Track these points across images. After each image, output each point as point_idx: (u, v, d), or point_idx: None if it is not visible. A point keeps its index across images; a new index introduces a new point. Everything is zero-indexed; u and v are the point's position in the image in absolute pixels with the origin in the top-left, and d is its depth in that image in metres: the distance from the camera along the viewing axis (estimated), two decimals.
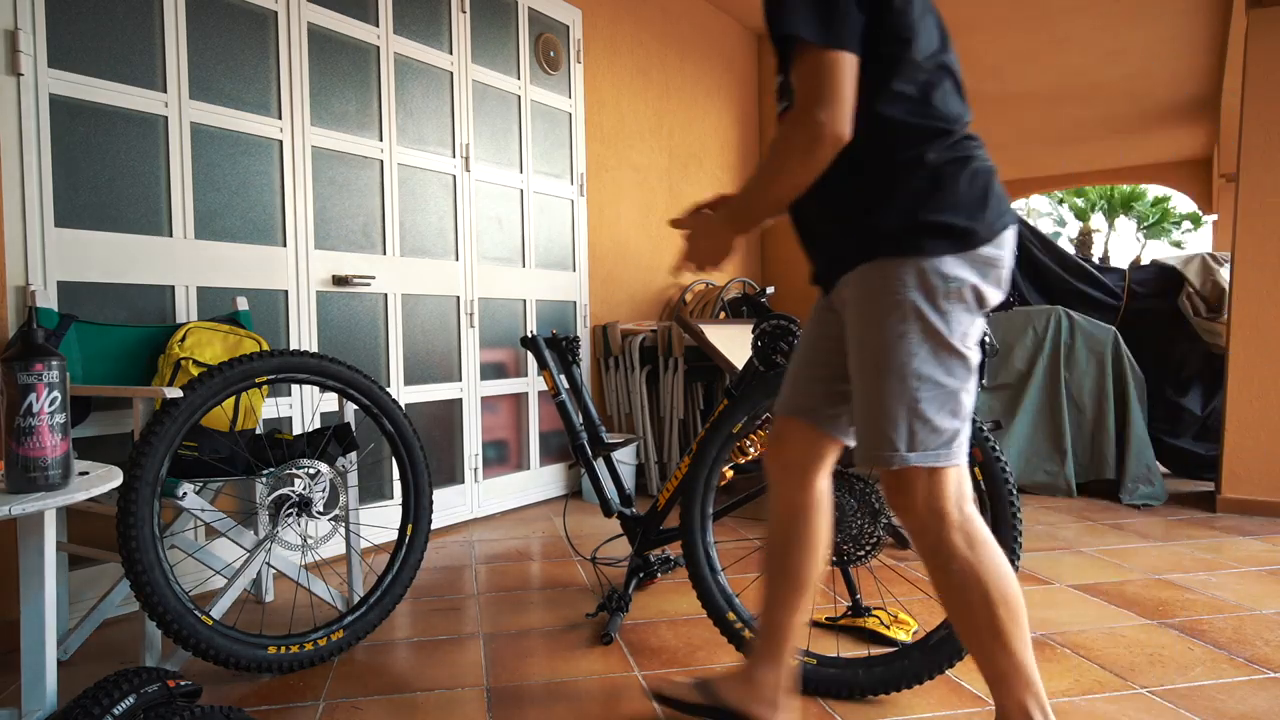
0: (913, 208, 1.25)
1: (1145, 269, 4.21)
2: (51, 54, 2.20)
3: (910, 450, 1.25)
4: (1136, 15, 5.34)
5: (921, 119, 1.26)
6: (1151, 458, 3.65)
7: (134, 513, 1.70)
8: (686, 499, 1.92)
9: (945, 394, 1.26)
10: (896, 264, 1.25)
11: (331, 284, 2.90)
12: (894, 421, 1.25)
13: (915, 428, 1.25)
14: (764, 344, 2.02)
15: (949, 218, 1.25)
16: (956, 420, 1.27)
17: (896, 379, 1.25)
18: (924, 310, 1.24)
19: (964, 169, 1.28)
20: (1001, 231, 1.29)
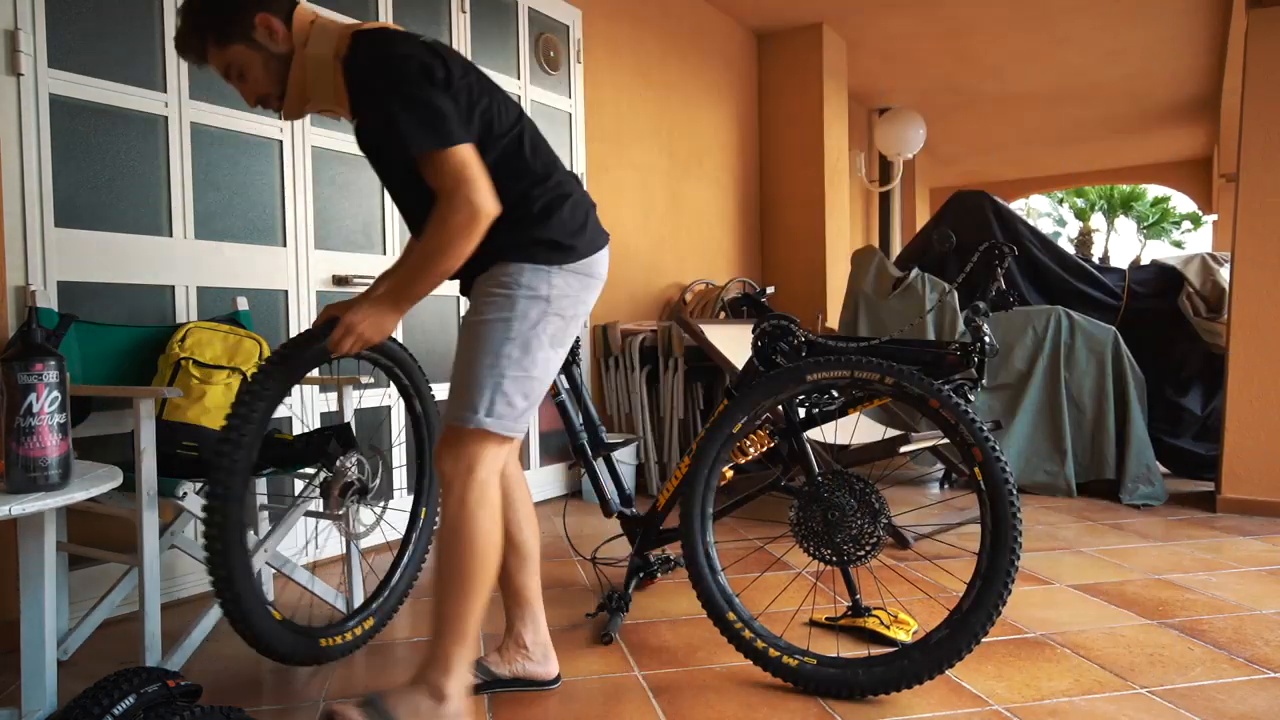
0: (529, 228, 1.59)
1: (1145, 269, 4.20)
2: (51, 54, 2.20)
3: (486, 416, 1.53)
4: (1136, 15, 5.35)
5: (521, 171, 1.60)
6: (1151, 458, 3.65)
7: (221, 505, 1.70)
8: (686, 499, 1.92)
9: (525, 379, 1.56)
10: (514, 265, 1.57)
11: (331, 284, 2.90)
12: (480, 390, 1.53)
13: (495, 399, 1.53)
14: (764, 344, 2.02)
15: (555, 236, 1.60)
16: (526, 402, 1.58)
17: (490, 356, 1.54)
18: (525, 306, 1.56)
19: (565, 202, 1.63)
20: (596, 251, 1.68)
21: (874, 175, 7.21)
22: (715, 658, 1.99)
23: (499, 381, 1.53)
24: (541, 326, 1.58)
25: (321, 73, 1.55)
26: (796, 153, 5.50)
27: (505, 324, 1.55)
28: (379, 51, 1.51)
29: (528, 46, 3.72)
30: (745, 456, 2.10)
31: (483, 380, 1.53)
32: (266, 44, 1.55)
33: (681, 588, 2.52)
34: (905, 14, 5.26)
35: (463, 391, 1.54)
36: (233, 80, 1.59)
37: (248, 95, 1.60)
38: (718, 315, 4.42)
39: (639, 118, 4.47)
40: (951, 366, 1.87)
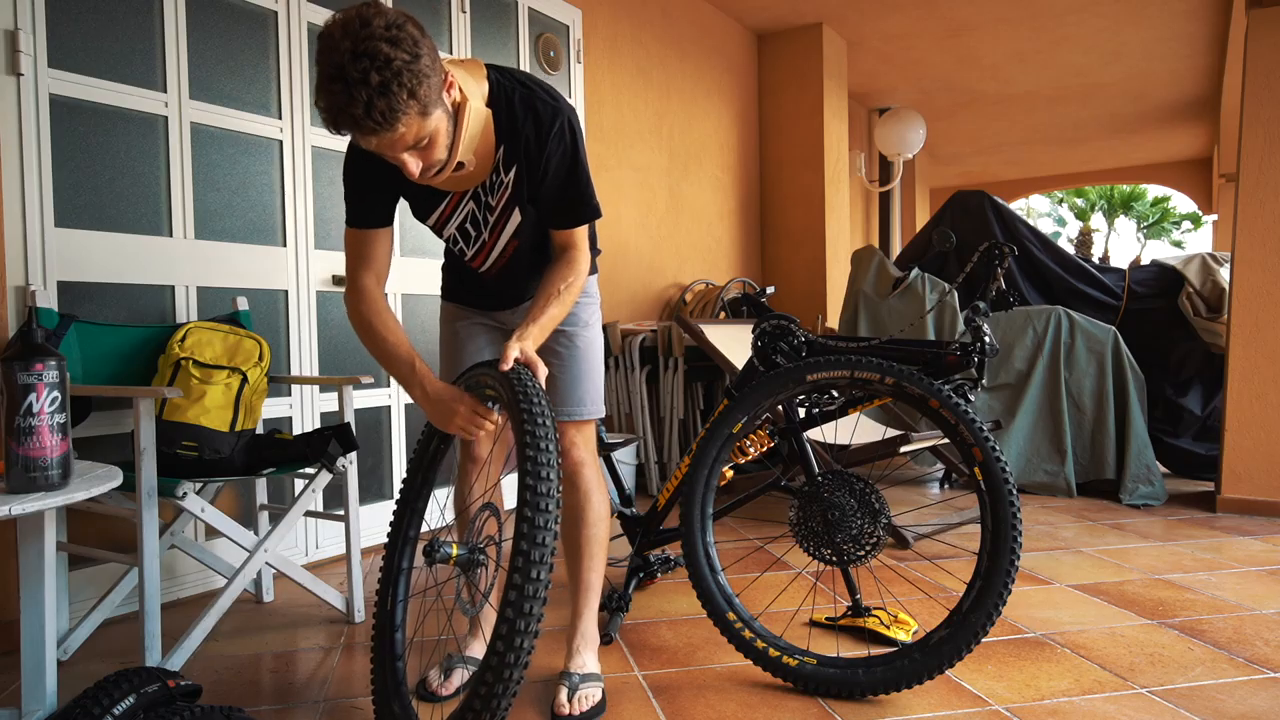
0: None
1: (1145, 269, 4.20)
2: (51, 54, 2.20)
3: (600, 406, 1.83)
4: (1136, 15, 5.35)
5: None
6: (1151, 458, 3.65)
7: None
8: (686, 499, 1.92)
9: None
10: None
11: (332, 284, 2.90)
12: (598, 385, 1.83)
13: (601, 391, 1.84)
14: (764, 344, 2.02)
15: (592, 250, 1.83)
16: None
17: (597, 355, 1.83)
18: (598, 312, 1.87)
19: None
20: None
21: (874, 175, 7.21)
22: (715, 658, 1.99)
23: (602, 375, 1.85)
24: (601, 322, 1.89)
25: (477, 124, 1.47)
26: (796, 153, 5.50)
27: (595, 328, 1.84)
28: (551, 103, 1.53)
29: (528, 46, 3.72)
30: (745, 456, 2.10)
31: (600, 376, 1.83)
32: (448, 104, 1.37)
33: (681, 588, 2.52)
34: (905, 14, 5.26)
35: (591, 387, 1.80)
36: (410, 154, 1.36)
37: (417, 168, 1.37)
38: (718, 315, 4.42)
39: (639, 118, 4.47)
40: (951, 366, 1.87)
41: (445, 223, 1.68)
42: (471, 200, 1.63)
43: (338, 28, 1.24)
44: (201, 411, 2.06)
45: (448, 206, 1.65)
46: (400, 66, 1.23)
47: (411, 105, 1.27)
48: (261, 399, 2.25)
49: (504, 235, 1.67)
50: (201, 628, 1.98)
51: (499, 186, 1.60)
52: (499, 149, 1.55)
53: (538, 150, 1.54)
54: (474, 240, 1.69)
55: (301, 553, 2.79)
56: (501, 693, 1.26)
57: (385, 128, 1.27)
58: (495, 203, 1.62)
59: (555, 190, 1.59)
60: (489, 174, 1.59)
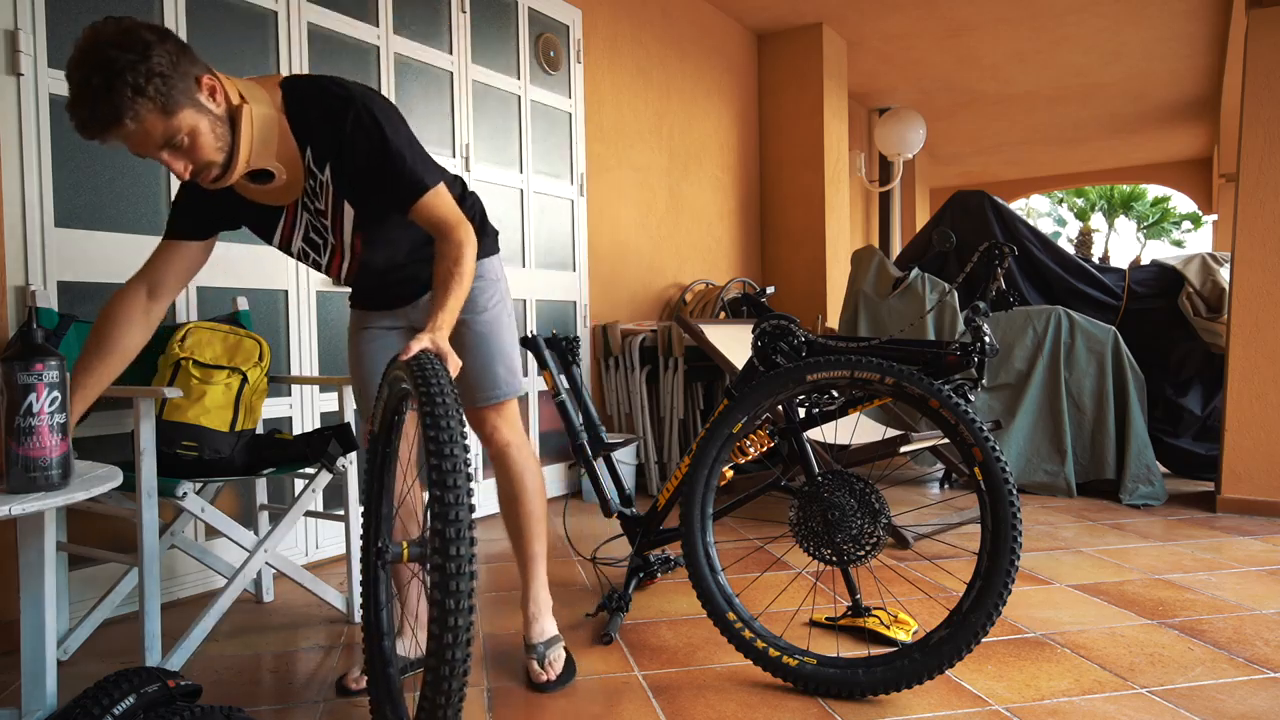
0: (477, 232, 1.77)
1: (1145, 269, 4.20)
2: (51, 54, 2.20)
3: (519, 384, 1.90)
4: (1136, 15, 5.35)
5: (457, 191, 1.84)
6: (1151, 458, 3.65)
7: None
8: (686, 499, 1.92)
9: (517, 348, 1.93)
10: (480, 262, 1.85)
11: (332, 284, 2.90)
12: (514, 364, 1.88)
13: (517, 369, 1.90)
14: (764, 344, 2.02)
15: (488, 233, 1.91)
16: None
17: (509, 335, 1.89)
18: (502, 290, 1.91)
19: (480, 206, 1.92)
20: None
21: (874, 175, 7.21)
22: (715, 658, 1.99)
23: (515, 353, 1.88)
24: (507, 301, 1.92)
25: (266, 129, 1.50)
26: (796, 153, 5.50)
27: (499, 306, 1.86)
28: (341, 95, 1.53)
29: (528, 46, 3.72)
30: (745, 456, 2.10)
31: (511, 356, 1.87)
32: (210, 107, 1.42)
33: (681, 588, 2.52)
34: (905, 14, 5.26)
35: (501, 369, 1.85)
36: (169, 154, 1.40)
37: (185, 169, 1.43)
38: (718, 315, 4.42)
39: (639, 118, 4.47)
40: (951, 366, 1.87)
41: (290, 239, 1.71)
42: (304, 210, 1.66)
43: (79, 43, 1.31)
44: (201, 411, 2.06)
45: (285, 223, 1.68)
46: (124, 66, 1.29)
47: (139, 102, 1.31)
48: (261, 399, 2.25)
49: (345, 233, 1.68)
50: (201, 628, 1.98)
51: (320, 188, 1.62)
52: (305, 152, 1.57)
53: (338, 142, 1.54)
54: (325, 248, 1.71)
55: (301, 553, 2.79)
56: (450, 675, 1.20)
57: (113, 124, 1.32)
58: (324, 205, 1.64)
59: (373, 175, 1.56)
60: (305, 179, 1.60)
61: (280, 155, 1.54)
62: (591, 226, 4.11)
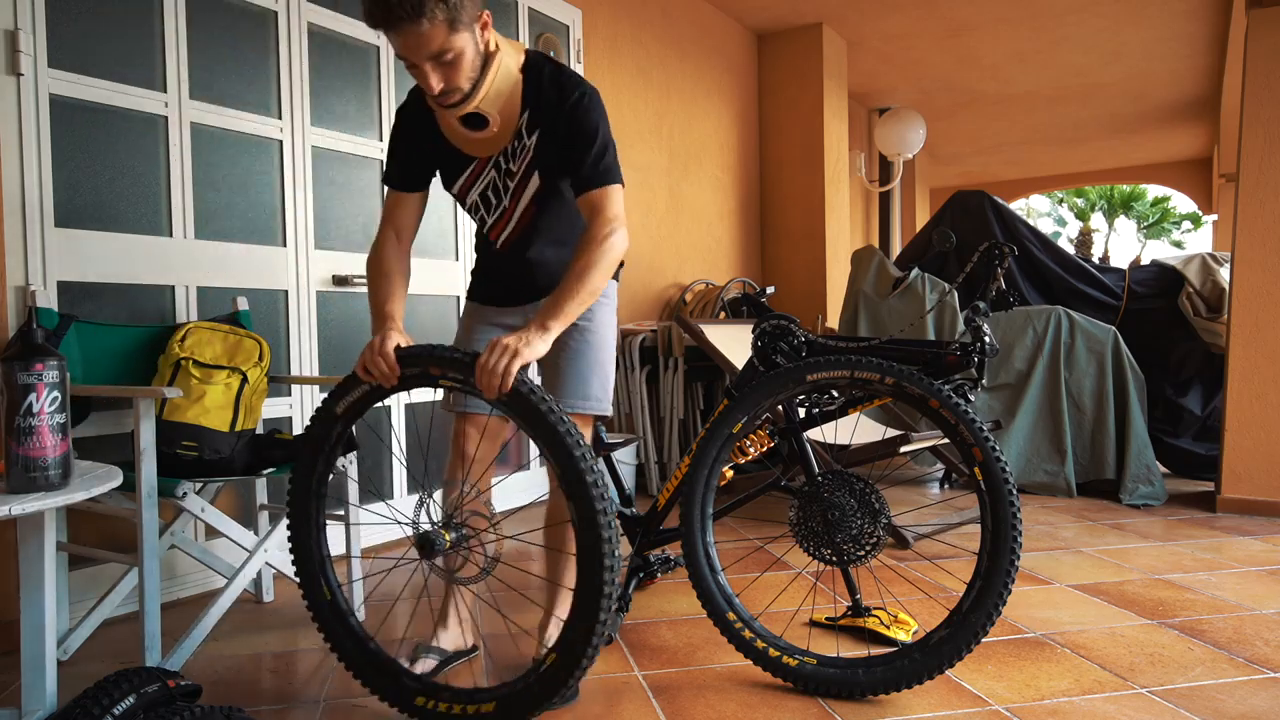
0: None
1: (1145, 269, 4.20)
2: (51, 54, 2.20)
3: (607, 402, 1.90)
4: (1136, 15, 5.35)
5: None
6: (1151, 458, 3.65)
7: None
8: (686, 499, 1.92)
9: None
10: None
11: (332, 284, 2.90)
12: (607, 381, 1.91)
13: (609, 388, 1.91)
14: (764, 344, 2.02)
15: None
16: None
17: (607, 353, 1.90)
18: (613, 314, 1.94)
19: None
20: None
21: (874, 175, 7.21)
22: (715, 658, 1.99)
23: (612, 374, 1.92)
24: (615, 325, 1.94)
25: (505, 82, 1.64)
26: (796, 153, 5.50)
27: (610, 328, 1.91)
28: (578, 80, 1.68)
29: (527, 46, 3.71)
30: (745, 456, 2.10)
31: (608, 375, 1.90)
32: (479, 40, 1.57)
33: (681, 588, 2.52)
34: (905, 14, 5.26)
35: (597, 383, 1.86)
36: (432, 65, 1.51)
37: (438, 83, 1.53)
38: (718, 315, 4.42)
39: (639, 118, 4.47)
40: (951, 366, 1.87)
41: (470, 188, 1.80)
42: (493, 169, 1.76)
43: None
44: (201, 411, 2.06)
45: (472, 173, 1.78)
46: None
47: (440, 9, 1.43)
48: (261, 399, 2.25)
49: (523, 200, 1.77)
50: (201, 628, 1.98)
51: (520, 151, 1.72)
52: (523, 114, 1.68)
53: (559, 115, 1.66)
54: (495, 208, 1.81)
55: None
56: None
57: (410, 19, 1.43)
58: (516, 168, 1.74)
59: (575, 151, 1.66)
60: (511, 139, 1.71)
61: (503, 109, 1.66)
62: None
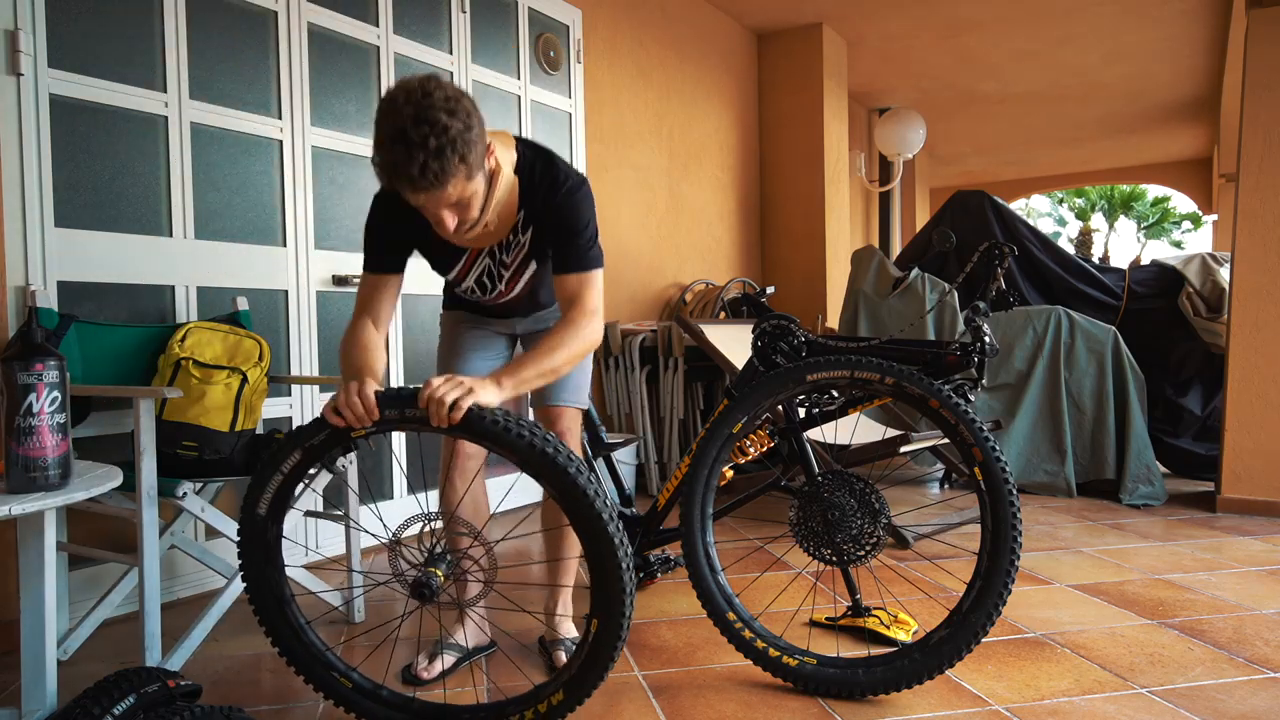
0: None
1: (1145, 269, 4.20)
2: (51, 54, 2.20)
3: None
4: (1136, 15, 5.34)
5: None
6: (1151, 458, 3.65)
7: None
8: (686, 499, 1.92)
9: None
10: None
11: (332, 284, 2.90)
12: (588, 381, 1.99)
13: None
14: (764, 344, 2.02)
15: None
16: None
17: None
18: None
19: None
20: None
21: (874, 175, 7.21)
22: (715, 658, 1.99)
23: (590, 372, 1.99)
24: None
25: (504, 190, 1.62)
26: (796, 153, 5.50)
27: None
28: (566, 171, 1.68)
29: (527, 46, 3.72)
30: (745, 456, 2.10)
31: (587, 372, 1.98)
32: (486, 171, 1.50)
33: (681, 588, 2.52)
34: (905, 14, 5.26)
35: (578, 377, 1.92)
36: (449, 210, 1.47)
37: (454, 224, 1.50)
38: (718, 315, 4.42)
39: (639, 118, 4.47)
40: (951, 366, 1.87)
41: (464, 277, 1.82)
42: (487, 257, 1.77)
43: (401, 94, 1.38)
44: (201, 411, 2.06)
45: (466, 263, 1.78)
46: (457, 133, 1.37)
47: (460, 169, 1.40)
48: (261, 399, 2.25)
49: (521, 282, 1.83)
50: (201, 628, 1.98)
51: (515, 245, 1.75)
52: (520, 212, 1.70)
53: (549, 207, 1.67)
54: (490, 290, 1.84)
55: (301, 553, 2.79)
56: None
57: (436, 187, 1.40)
58: (510, 260, 1.77)
59: (558, 237, 1.68)
60: (506, 234, 1.72)
61: (501, 213, 1.66)
62: None
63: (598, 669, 1.47)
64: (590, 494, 1.41)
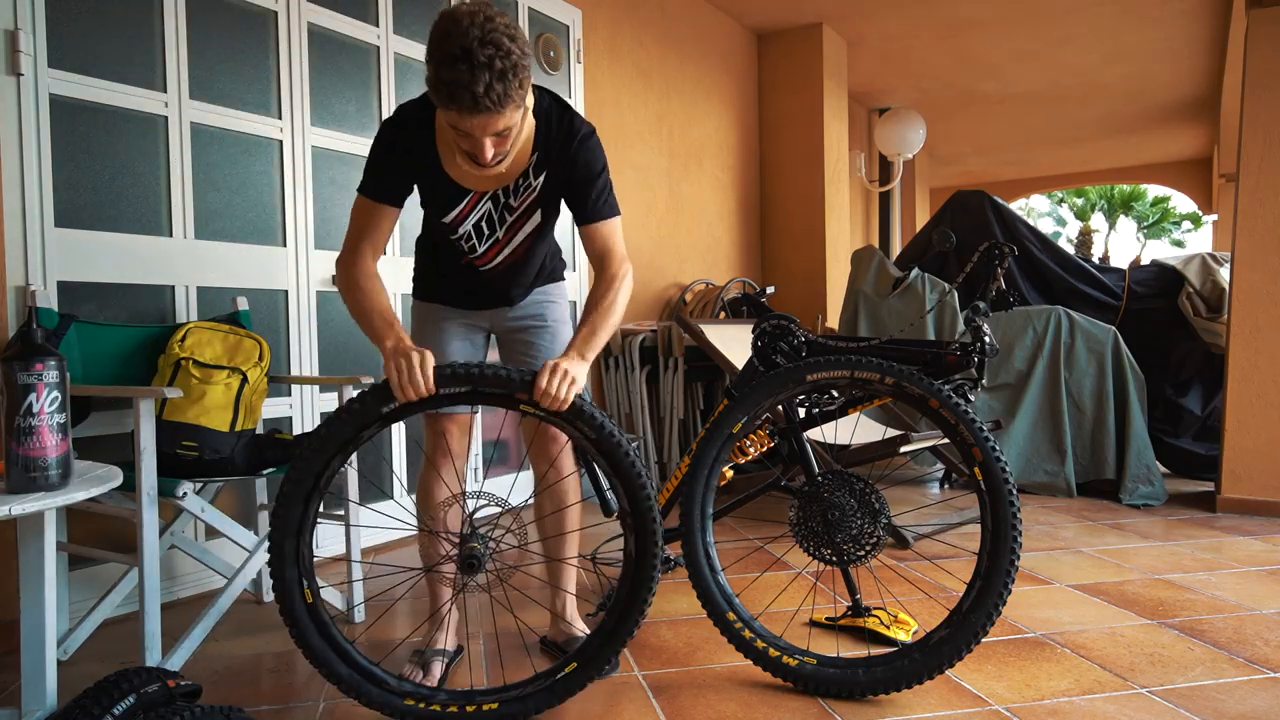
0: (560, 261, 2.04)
1: (1145, 269, 4.20)
2: (51, 54, 2.20)
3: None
4: (1136, 15, 5.34)
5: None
6: (1151, 458, 3.65)
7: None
8: (686, 499, 1.92)
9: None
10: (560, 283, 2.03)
11: (331, 284, 2.90)
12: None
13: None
14: (764, 344, 2.02)
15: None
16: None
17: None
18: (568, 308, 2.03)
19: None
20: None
21: (874, 175, 7.21)
22: (715, 658, 1.99)
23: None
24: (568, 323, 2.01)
25: (529, 130, 1.66)
26: (796, 153, 5.49)
27: (565, 324, 1.97)
28: (582, 120, 1.73)
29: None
30: (745, 456, 2.10)
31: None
32: (525, 103, 1.54)
33: (681, 588, 2.52)
34: (905, 14, 5.26)
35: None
36: (492, 140, 1.51)
37: (493, 154, 1.54)
38: (718, 315, 4.42)
39: (639, 118, 4.47)
40: (951, 366, 1.87)
41: (462, 220, 1.77)
42: (490, 201, 1.75)
43: (465, 16, 1.40)
44: (201, 411, 2.06)
45: (467, 205, 1.75)
46: (517, 59, 1.42)
47: (518, 95, 1.45)
48: (261, 399, 2.25)
49: (521, 234, 1.80)
50: (201, 628, 1.98)
51: (525, 189, 1.74)
52: (534, 155, 1.70)
53: (565, 155, 1.70)
54: (487, 238, 1.80)
55: None
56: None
57: (496, 110, 1.43)
58: (518, 204, 1.75)
59: (578, 189, 1.72)
60: (517, 177, 1.72)
61: (515, 153, 1.65)
62: None
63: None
64: (639, 470, 1.63)
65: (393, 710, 1.59)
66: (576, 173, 1.71)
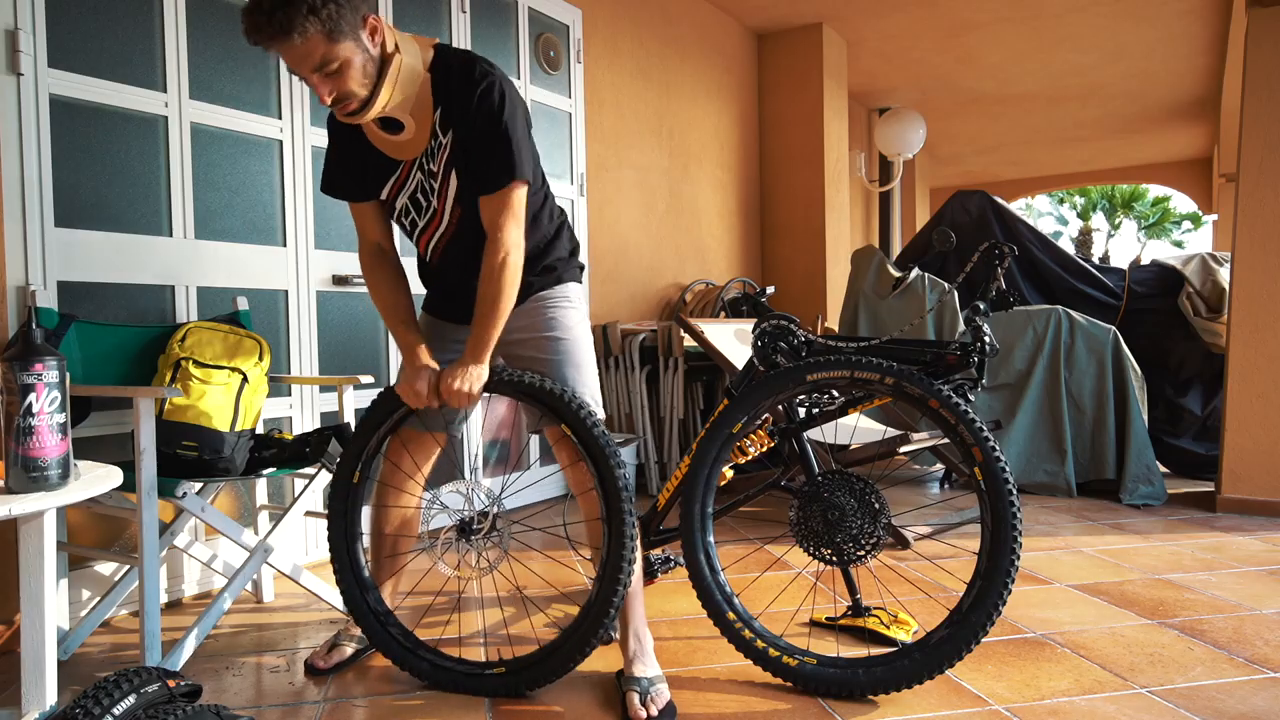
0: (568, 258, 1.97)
1: (1145, 269, 4.20)
2: (51, 54, 2.20)
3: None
4: (1136, 15, 5.35)
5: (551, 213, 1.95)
6: (1151, 458, 3.65)
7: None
8: (686, 499, 1.92)
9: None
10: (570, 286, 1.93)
11: (331, 284, 2.90)
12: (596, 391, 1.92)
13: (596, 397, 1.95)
14: (764, 344, 2.02)
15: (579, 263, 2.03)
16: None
17: (590, 357, 1.91)
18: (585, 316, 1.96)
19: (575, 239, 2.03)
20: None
21: (874, 175, 7.21)
22: (715, 658, 1.99)
23: (596, 376, 1.91)
24: (588, 327, 1.95)
25: (411, 83, 1.64)
26: (796, 153, 5.50)
27: (583, 328, 1.91)
28: (486, 68, 1.67)
29: (528, 46, 3.72)
30: (745, 456, 2.10)
31: (593, 378, 1.89)
32: (368, 46, 1.57)
33: (681, 588, 2.52)
34: (905, 14, 5.26)
35: (584, 389, 1.86)
36: (319, 78, 1.54)
37: (328, 94, 1.56)
38: (718, 315, 4.42)
39: (639, 118, 4.47)
40: (951, 366, 1.87)
41: (398, 193, 1.80)
42: (418, 170, 1.77)
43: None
44: (201, 411, 2.06)
45: (400, 177, 1.78)
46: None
47: (311, 22, 1.45)
48: (261, 399, 2.25)
49: (448, 200, 1.77)
50: (201, 628, 1.98)
51: (439, 149, 1.72)
52: (436, 110, 1.68)
53: (466, 106, 1.65)
54: (425, 210, 1.81)
55: (301, 553, 2.79)
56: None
57: (282, 34, 1.45)
58: (436, 167, 1.74)
59: (479, 144, 1.67)
60: (429, 139, 1.71)
61: (415, 111, 1.67)
62: (591, 226, 4.11)
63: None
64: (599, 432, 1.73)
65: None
66: (475, 126, 1.65)
